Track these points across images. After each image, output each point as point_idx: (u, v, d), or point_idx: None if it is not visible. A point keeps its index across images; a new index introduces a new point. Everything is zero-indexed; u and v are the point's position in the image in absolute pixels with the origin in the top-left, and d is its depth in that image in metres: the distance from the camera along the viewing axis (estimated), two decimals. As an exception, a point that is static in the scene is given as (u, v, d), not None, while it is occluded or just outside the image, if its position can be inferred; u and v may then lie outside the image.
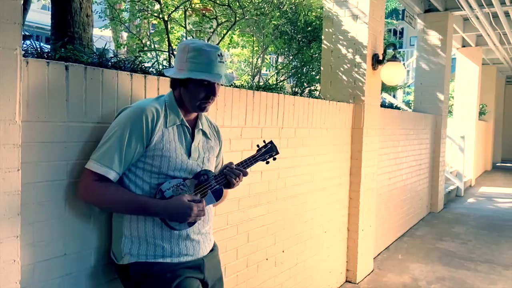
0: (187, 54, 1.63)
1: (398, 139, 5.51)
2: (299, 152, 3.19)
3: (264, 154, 1.91)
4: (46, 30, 15.15)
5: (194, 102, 1.67)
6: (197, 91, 1.65)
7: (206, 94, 1.65)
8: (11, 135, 1.36)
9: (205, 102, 1.67)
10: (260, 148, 1.92)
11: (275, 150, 1.94)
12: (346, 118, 3.92)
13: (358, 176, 4.07)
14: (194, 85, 1.64)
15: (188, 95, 1.67)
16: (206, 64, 1.61)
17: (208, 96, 1.66)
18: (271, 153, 1.93)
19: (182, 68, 1.63)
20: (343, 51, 4.15)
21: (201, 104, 1.68)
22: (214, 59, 1.62)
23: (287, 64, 5.39)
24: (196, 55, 1.61)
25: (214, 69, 1.62)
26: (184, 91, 1.68)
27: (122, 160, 1.59)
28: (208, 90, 1.65)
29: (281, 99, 2.91)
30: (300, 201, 3.27)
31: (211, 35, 4.02)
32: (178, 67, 1.66)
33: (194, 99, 1.66)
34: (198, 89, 1.64)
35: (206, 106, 1.69)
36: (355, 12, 4.08)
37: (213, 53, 1.62)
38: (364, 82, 4.02)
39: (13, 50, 1.35)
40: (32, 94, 1.52)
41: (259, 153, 1.90)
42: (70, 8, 2.83)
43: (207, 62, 1.61)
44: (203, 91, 1.65)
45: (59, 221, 1.64)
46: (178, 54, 1.69)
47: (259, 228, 2.80)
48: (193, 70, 1.60)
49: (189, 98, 1.67)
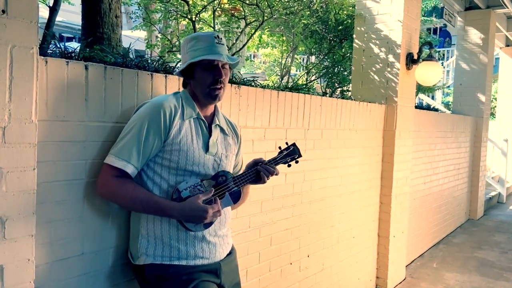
0: (186, 46, 1.68)
1: (434, 142, 5.29)
2: (326, 154, 3.11)
3: (285, 157, 1.85)
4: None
5: (204, 90, 1.66)
6: (204, 77, 1.65)
7: (213, 77, 1.64)
8: (27, 134, 1.36)
9: (214, 88, 1.66)
10: (282, 150, 1.86)
11: (297, 153, 1.87)
12: (377, 119, 3.79)
13: (389, 180, 3.93)
14: (200, 72, 1.65)
15: (197, 85, 1.67)
16: (204, 48, 1.63)
17: (216, 80, 1.65)
18: (293, 155, 1.86)
19: (185, 61, 1.67)
20: (376, 50, 4.01)
21: (211, 91, 1.66)
22: (211, 41, 1.64)
23: (317, 64, 5.28)
24: (194, 43, 1.65)
25: (212, 50, 1.62)
26: (193, 83, 1.69)
27: (140, 154, 1.57)
28: (214, 73, 1.65)
29: (307, 99, 2.83)
30: (327, 204, 3.18)
31: (239, 35, 3.99)
32: (182, 62, 1.70)
33: (203, 86, 1.65)
34: (204, 75, 1.65)
35: (217, 93, 1.67)
36: (388, 10, 3.94)
37: (210, 36, 1.66)
38: (397, 82, 3.88)
39: (30, 49, 1.35)
40: (51, 93, 1.53)
41: (280, 155, 1.84)
42: (100, 9, 2.87)
43: (205, 46, 1.63)
44: (210, 75, 1.65)
45: (77, 220, 1.64)
46: (181, 52, 1.73)
47: (282, 231, 2.73)
48: (193, 57, 1.63)
49: (199, 88, 1.67)
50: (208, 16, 4.36)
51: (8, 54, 1.30)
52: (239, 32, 4.12)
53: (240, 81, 2.47)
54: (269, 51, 5.99)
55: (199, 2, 3.89)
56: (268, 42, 5.52)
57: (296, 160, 1.88)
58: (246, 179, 1.75)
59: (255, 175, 1.76)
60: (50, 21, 2.56)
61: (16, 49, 1.32)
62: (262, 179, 1.77)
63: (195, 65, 1.65)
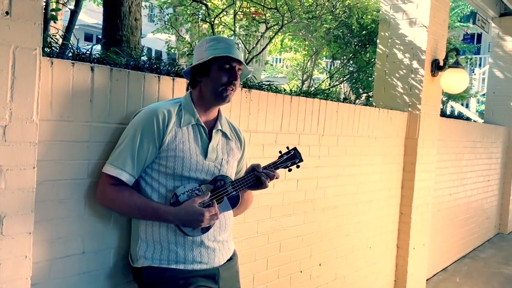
0: (205, 45, 1.67)
1: (462, 152, 5.09)
2: (342, 161, 3.04)
3: (286, 161, 1.81)
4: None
5: (217, 89, 1.64)
6: (219, 76, 1.64)
7: (228, 78, 1.64)
8: (28, 133, 1.39)
9: (226, 89, 1.65)
10: (282, 155, 1.83)
11: (298, 157, 1.84)
12: (398, 127, 3.69)
13: (410, 189, 3.81)
14: (216, 70, 1.64)
15: (210, 83, 1.65)
16: (226, 47, 1.63)
17: (230, 81, 1.64)
18: (294, 160, 1.83)
19: (202, 57, 1.65)
20: (399, 55, 3.91)
21: (223, 91, 1.65)
22: (232, 44, 1.67)
23: (339, 69, 5.20)
24: (215, 43, 1.65)
25: (234, 52, 1.63)
26: (206, 80, 1.67)
27: (135, 162, 1.58)
28: (230, 74, 1.65)
29: (322, 104, 2.78)
30: (342, 212, 3.11)
31: (260, 38, 3.98)
32: (196, 60, 1.67)
33: (217, 84, 1.64)
34: (220, 74, 1.64)
35: (228, 94, 1.66)
36: (413, 15, 3.83)
37: (231, 40, 1.71)
38: (421, 90, 3.76)
39: (32, 50, 1.38)
40: (56, 94, 1.56)
41: (280, 159, 1.81)
42: (119, 12, 2.92)
43: (227, 46, 1.64)
44: (225, 75, 1.64)
45: (78, 219, 1.66)
46: (196, 51, 1.72)
47: (293, 238, 2.69)
48: (215, 54, 1.62)
49: (211, 86, 1.65)
50: (229, 19, 4.37)
51: (10, 54, 1.33)
52: (258, 36, 4.11)
53: (252, 85, 2.46)
54: (292, 55, 5.95)
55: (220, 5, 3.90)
56: (291, 46, 5.49)
57: (297, 165, 1.85)
58: (245, 183, 1.72)
59: (255, 180, 1.74)
60: (71, 23, 2.62)
61: (19, 50, 1.35)
62: (263, 184, 1.74)
63: (212, 63, 1.64)
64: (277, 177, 1.78)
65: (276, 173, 1.78)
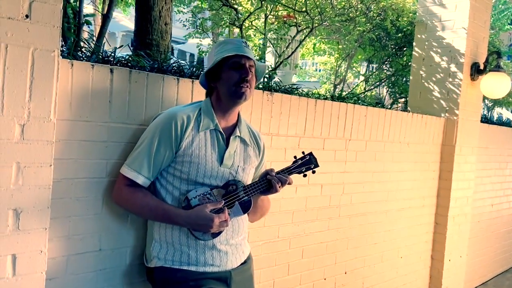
0: (214, 51, 1.69)
1: (506, 161, 4.81)
2: (370, 167, 2.95)
3: (300, 166, 1.77)
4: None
5: (230, 89, 1.63)
6: (231, 76, 1.63)
7: (239, 76, 1.63)
8: (45, 132, 1.44)
9: (241, 87, 1.63)
10: (297, 160, 1.79)
11: (314, 163, 1.79)
12: (434, 133, 3.54)
13: (446, 199, 3.64)
14: (226, 71, 1.64)
15: (223, 85, 1.65)
16: (232, 48, 1.64)
17: (242, 78, 1.63)
18: (309, 165, 1.78)
19: (212, 63, 1.67)
20: (436, 59, 3.76)
21: (238, 90, 1.63)
22: (239, 44, 1.66)
23: (374, 72, 5.07)
24: (222, 46, 1.67)
25: (241, 50, 1.63)
26: (219, 84, 1.67)
27: (151, 165, 1.60)
28: (241, 71, 1.63)
29: (349, 108, 2.71)
30: (370, 220, 3.01)
31: (290, 42, 3.95)
32: (208, 66, 1.70)
33: (229, 84, 1.63)
34: (230, 73, 1.63)
35: (244, 91, 1.63)
36: (452, 16, 3.67)
37: (237, 40, 1.70)
38: (459, 94, 3.60)
39: (51, 52, 1.43)
40: (76, 94, 1.61)
41: (294, 164, 1.77)
42: (150, 16, 2.99)
43: (233, 47, 1.64)
44: (236, 74, 1.63)
45: (96, 217, 1.70)
46: (208, 58, 1.74)
47: (316, 244, 2.63)
48: (222, 55, 1.63)
49: (225, 87, 1.65)
50: (260, 23, 4.37)
51: (30, 56, 1.38)
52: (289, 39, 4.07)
53: (277, 89, 2.44)
54: (325, 59, 5.86)
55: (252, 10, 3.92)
56: (324, 50, 5.41)
57: (313, 170, 1.80)
58: (257, 188, 1.70)
59: (267, 185, 1.71)
60: (103, 28, 2.70)
61: (38, 52, 1.40)
62: (274, 188, 1.70)
63: (222, 65, 1.65)
64: (290, 183, 1.74)
65: (289, 179, 1.74)
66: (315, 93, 2.98)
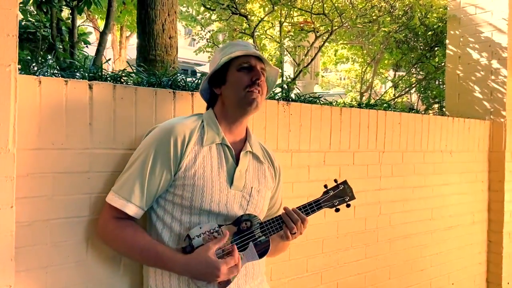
0: (220, 52, 1.43)
1: None
2: (410, 182, 2.56)
3: (332, 199, 1.42)
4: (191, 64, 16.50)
5: (239, 93, 1.35)
6: (239, 78, 1.36)
7: (250, 78, 1.36)
8: (2, 166, 1.16)
9: (251, 92, 1.35)
10: (328, 190, 1.44)
11: (349, 195, 1.44)
12: (479, 138, 3.11)
13: (500, 213, 3.19)
14: (234, 73, 1.38)
15: (231, 90, 1.37)
16: (241, 49, 1.40)
17: (253, 81, 1.35)
18: (343, 197, 1.43)
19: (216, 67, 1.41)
20: (474, 55, 3.36)
21: (248, 95, 1.35)
22: (247, 45, 1.46)
23: (403, 77, 4.67)
24: (229, 48, 1.42)
25: (251, 50, 1.40)
26: (225, 89, 1.39)
27: (145, 191, 1.29)
28: (251, 73, 1.37)
29: (380, 116, 2.35)
30: (414, 243, 2.61)
31: (309, 49, 3.63)
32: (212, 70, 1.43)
33: (238, 88, 1.36)
34: (239, 75, 1.37)
35: (254, 97, 1.35)
36: (489, 7, 3.29)
37: (245, 41, 1.57)
38: (504, 93, 3.18)
39: (6, 66, 1.16)
40: (46, 117, 1.33)
41: (324, 196, 1.42)
42: (152, 30, 2.75)
43: (241, 47, 1.42)
44: (246, 76, 1.37)
45: (79, 265, 1.40)
46: (211, 62, 1.45)
47: (353, 277, 2.25)
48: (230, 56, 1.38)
49: (233, 93, 1.37)
50: (275, 32, 4.08)
51: (-24, 72, 1.12)
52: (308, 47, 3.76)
53: (295, 99, 2.11)
54: (349, 67, 5.48)
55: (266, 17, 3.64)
56: (347, 57, 5.04)
57: (348, 203, 1.44)
58: (278, 226, 1.35)
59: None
60: (100, 45, 2.46)
61: (-13, 67, 1.13)
62: (284, 234, 1.36)
63: (228, 68, 1.38)
64: (303, 222, 1.37)
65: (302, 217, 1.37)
66: (339, 102, 2.64)
